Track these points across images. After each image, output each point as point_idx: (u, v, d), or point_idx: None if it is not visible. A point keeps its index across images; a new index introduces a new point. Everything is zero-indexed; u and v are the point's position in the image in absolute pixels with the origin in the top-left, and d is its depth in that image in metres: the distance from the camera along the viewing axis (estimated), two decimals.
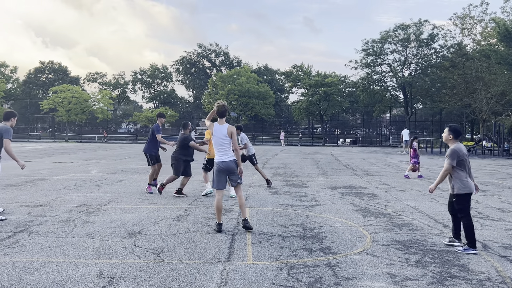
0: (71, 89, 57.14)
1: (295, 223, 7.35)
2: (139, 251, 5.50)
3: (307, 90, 57.39)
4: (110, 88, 75.77)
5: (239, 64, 76.43)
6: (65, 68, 74.95)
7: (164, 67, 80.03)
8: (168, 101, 75.90)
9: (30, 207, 8.27)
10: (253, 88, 55.71)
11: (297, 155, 28.62)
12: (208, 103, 60.38)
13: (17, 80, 73.52)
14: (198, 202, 9.26)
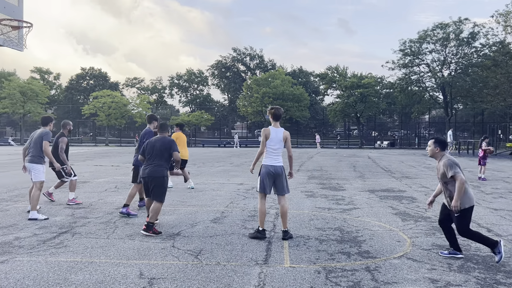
0: (111, 94, 58.91)
1: (332, 226, 7.28)
2: (178, 253, 5.59)
3: (343, 92, 56.81)
4: (148, 93, 77.53)
5: (274, 67, 76.55)
6: (105, 74, 77.38)
7: (200, 71, 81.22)
8: (204, 105, 76.91)
9: (73, 209, 8.56)
10: (288, 90, 55.66)
11: (333, 157, 28.33)
12: (243, 106, 60.77)
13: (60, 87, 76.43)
14: (234, 204, 9.33)
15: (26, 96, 57.51)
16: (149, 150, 6.72)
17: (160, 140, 6.78)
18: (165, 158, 6.71)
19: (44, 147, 7.80)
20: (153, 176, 6.55)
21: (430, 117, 65.46)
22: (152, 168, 6.58)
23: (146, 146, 6.79)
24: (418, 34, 49.34)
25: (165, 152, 6.70)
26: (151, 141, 6.79)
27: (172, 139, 6.85)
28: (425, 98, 52.85)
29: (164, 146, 6.70)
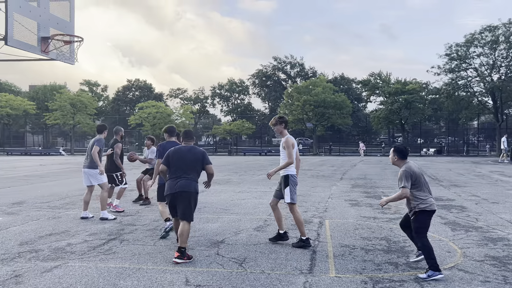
0: (156, 105, 60.53)
1: (378, 236, 7.11)
2: (223, 260, 5.62)
3: (386, 98, 55.66)
4: (191, 103, 79.04)
5: (315, 74, 76.20)
6: (149, 85, 79.65)
7: (241, 81, 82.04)
8: (245, 113, 77.46)
9: (121, 216, 8.81)
10: (329, 98, 55.15)
11: (377, 165, 27.75)
12: (284, 114, 60.74)
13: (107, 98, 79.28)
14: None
15: (76, 107, 60.02)
16: (177, 161, 5.79)
17: (190, 150, 5.90)
18: (197, 171, 5.87)
19: (93, 151, 8.35)
20: (185, 191, 5.65)
21: (479, 123, 62.93)
22: (184, 182, 5.68)
23: (171, 157, 5.84)
24: (464, 37, 47.72)
25: (197, 164, 5.84)
26: (178, 151, 5.87)
27: (204, 150, 6.05)
28: (473, 103, 50.86)
29: (196, 157, 5.84)
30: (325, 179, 17.69)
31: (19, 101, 60.35)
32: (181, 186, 5.66)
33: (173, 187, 5.70)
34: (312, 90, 56.04)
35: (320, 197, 11.80)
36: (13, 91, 71.92)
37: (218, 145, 68.43)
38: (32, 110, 61.83)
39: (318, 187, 14.53)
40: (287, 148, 6.43)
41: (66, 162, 33.34)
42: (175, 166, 5.77)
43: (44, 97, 67.57)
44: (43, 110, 63.17)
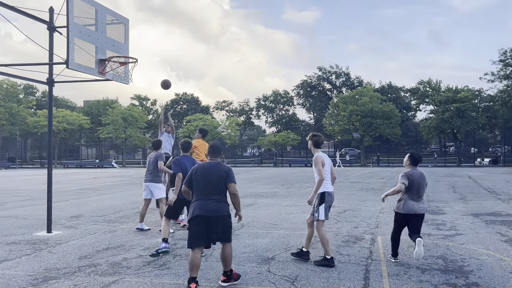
0: (203, 117, 61.79)
1: (434, 254, 6.87)
2: (274, 278, 5.62)
3: (437, 107, 53.89)
4: (236, 114, 79.95)
5: (361, 83, 75.06)
6: (196, 99, 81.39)
7: (285, 91, 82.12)
8: (290, 124, 77.35)
9: (172, 230, 9.00)
10: (377, 107, 54.10)
11: (428, 177, 26.74)
12: (330, 125, 60.18)
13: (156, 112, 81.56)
14: (326, 228, 9.16)
15: (127, 121, 62.25)
16: (202, 180, 5.25)
17: (215, 167, 5.32)
18: (223, 190, 5.30)
19: (159, 166, 8.86)
20: (219, 215, 5.17)
21: None
22: (216, 205, 5.17)
23: (195, 175, 5.31)
24: None
25: (222, 183, 5.26)
26: (202, 168, 5.32)
27: (229, 167, 5.47)
28: None
29: (220, 175, 5.27)
30: (375, 192, 17.30)
31: (75, 116, 63.36)
32: (215, 209, 5.14)
33: (206, 210, 5.13)
34: (359, 100, 55.20)
35: (370, 212, 11.56)
36: (69, 107, 75.68)
37: (263, 157, 68.65)
38: (86, 125, 64.71)
39: (367, 201, 14.23)
40: (315, 166, 6.44)
41: (118, 174, 34.56)
42: (202, 185, 5.21)
43: (98, 111, 70.53)
44: (96, 124, 65.96)
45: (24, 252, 7.22)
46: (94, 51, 7.77)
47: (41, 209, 12.28)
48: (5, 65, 7.69)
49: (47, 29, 8.56)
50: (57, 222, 10.09)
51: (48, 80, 8.77)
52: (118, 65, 8.22)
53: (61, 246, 7.65)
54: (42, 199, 13.67)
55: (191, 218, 5.22)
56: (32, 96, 75.40)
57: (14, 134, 66.41)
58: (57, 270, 6.07)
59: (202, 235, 5.13)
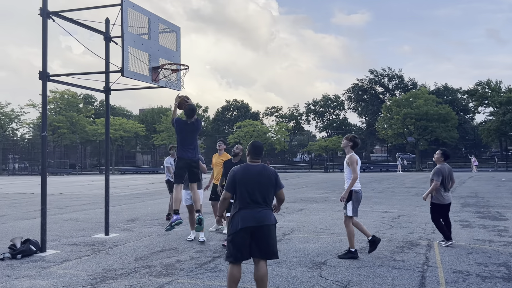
0: (252, 123, 62.26)
1: (495, 261, 6.50)
2: (326, 283, 5.53)
3: (497, 109, 51.20)
4: (285, 120, 79.92)
5: (415, 86, 72.76)
6: (246, 105, 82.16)
7: (335, 96, 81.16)
8: (341, 129, 76.23)
9: (224, 234, 9.10)
10: (432, 110, 52.18)
11: (489, 182, 25.51)
12: (382, 129, 58.71)
13: (208, 119, 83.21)
14: (380, 234, 8.94)
15: None
16: (250, 186, 4.62)
17: (263, 171, 4.73)
18: (271, 197, 4.77)
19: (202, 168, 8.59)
20: (266, 224, 4.57)
21: None
22: (264, 213, 4.59)
23: (239, 180, 4.66)
24: None
25: (271, 188, 4.72)
26: (247, 172, 4.69)
27: (275, 170, 4.92)
28: None
29: (270, 181, 4.70)
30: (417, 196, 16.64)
31: (131, 124, 65.89)
32: (265, 218, 4.58)
33: (255, 219, 4.53)
34: (413, 103, 53.50)
35: (426, 218, 11.11)
36: (125, 115, 78.91)
37: (314, 162, 68.05)
38: (142, 132, 67.09)
39: (423, 206, 13.71)
40: (351, 164, 6.95)
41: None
42: (251, 192, 4.60)
43: (152, 119, 72.92)
44: (151, 132, 68.22)
45: (84, 253, 7.55)
46: (148, 59, 8.04)
47: (99, 212, 12.83)
48: (66, 75, 8.13)
49: (103, 39, 8.99)
50: (114, 225, 10.49)
51: (105, 88, 9.19)
52: (170, 72, 8.46)
53: (118, 248, 7.94)
54: (100, 203, 14.28)
55: (239, 229, 4.51)
56: (91, 105, 79.33)
57: (74, 142, 70.07)
58: (114, 271, 6.30)
59: (247, 247, 4.53)
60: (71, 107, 66.22)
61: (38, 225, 8.37)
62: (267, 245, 4.54)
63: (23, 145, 75.28)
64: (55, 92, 64.63)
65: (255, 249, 4.54)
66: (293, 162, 78.12)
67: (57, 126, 62.15)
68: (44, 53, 7.63)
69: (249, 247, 4.53)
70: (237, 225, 4.52)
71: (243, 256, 4.54)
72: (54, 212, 13.21)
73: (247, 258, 4.59)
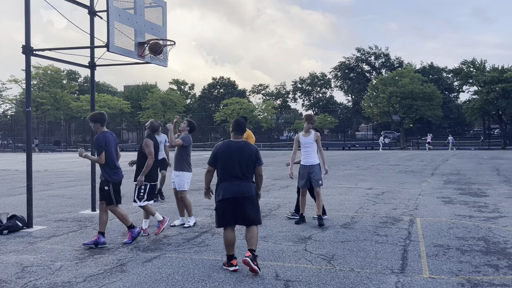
0: (239, 101, 62.10)
1: (475, 236, 6.71)
2: (311, 256, 5.67)
3: (481, 88, 51.82)
4: (272, 98, 79.79)
5: (401, 64, 73.03)
6: (233, 82, 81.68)
7: (322, 74, 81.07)
8: (327, 107, 76.48)
9: (211, 210, 9.19)
10: (418, 89, 52.63)
11: (471, 160, 26.01)
12: (368, 107, 59.08)
13: (194, 96, 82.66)
14: (364, 210, 9.13)
15: (166, 105, 63.48)
16: (230, 160, 5.05)
17: (245, 147, 5.12)
18: (252, 171, 5.17)
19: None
20: (247, 195, 5.05)
21: None
22: (244, 185, 5.05)
23: (221, 154, 5.10)
24: None
25: (251, 164, 5.13)
26: (229, 148, 5.12)
27: (257, 148, 5.31)
28: None
29: (251, 157, 5.11)
30: (415, 174, 16.97)
31: (116, 100, 65.18)
32: (245, 190, 5.03)
33: (235, 191, 5.01)
34: (399, 81, 53.84)
35: (410, 194, 11.37)
36: (110, 92, 77.90)
37: None
38: (127, 109, 66.47)
39: (407, 183, 13.99)
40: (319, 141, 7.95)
41: None
42: (231, 166, 5.03)
43: (137, 96, 72.18)
44: (136, 109, 67.61)
45: (71, 228, 7.58)
46: (133, 34, 7.93)
47: (85, 189, 12.80)
48: (50, 49, 7.99)
49: (88, 13, 8.81)
50: None
51: (90, 63, 9.06)
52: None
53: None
54: (86, 180, 14.22)
55: (220, 200, 5.07)
56: (75, 81, 77.98)
57: (58, 119, 69.14)
58: (101, 246, 6.34)
59: (231, 215, 5.07)
60: (55, 83, 65.04)
61: (24, 201, 8.35)
62: (248, 213, 5.10)
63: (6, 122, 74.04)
64: (38, 68, 63.30)
65: (239, 217, 5.12)
66: (280, 140, 78.35)
67: (41, 102, 61.15)
68: (27, 26, 7.46)
69: (233, 214, 5.08)
70: (218, 196, 5.14)
71: (228, 222, 5.13)
72: (39, 189, 13.14)
73: (232, 224, 5.15)
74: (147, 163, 6.84)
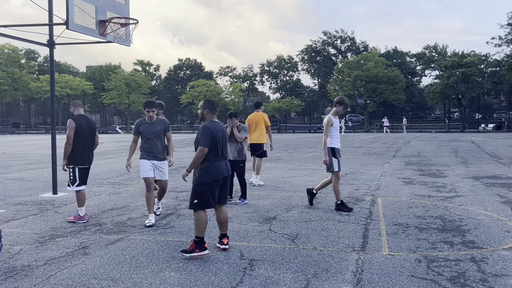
0: (206, 83, 61.47)
1: (432, 214, 6.98)
2: (275, 236, 5.76)
3: (442, 72, 53.31)
4: (240, 80, 79.41)
5: (366, 48, 73.97)
6: (199, 64, 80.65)
7: (289, 57, 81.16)
8: (294, 90, 76.88)
9: (177, 192, 9.16)
10: (382, 72, 53.57)
11: (431, 142, 26.87)
12: (334, 90, 59.78)
13: (159, 77, 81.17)
14: (328, 190, 9.30)
15: (130, 87, 62.10)
16: (222, 141, 5.19)
17: (222, 127, 5.28)
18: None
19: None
20: (229, 174, 5.28)
21: None
22: (227, 164, 5.27)
23: (213, 135, 5.05)
24: None
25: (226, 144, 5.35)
26: (221, 129, 5.21)
27: None
28: None
29: (226, 136, 5.29)
30: (377, 156, 17.39)
31: (78, 81, 63.19)
32: (228, 169, 5.23)
33: (225, 170, 5.16)
34: (364, 65, 54.60)
35: (372, 175, 11.67)
36: (71, 72, 75.33)
37: None
38: (90, 90, 64.62)
39: (370, 164, 14.34)
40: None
41: (122, 140, 34.76)
42: (222, 146, 5.16)
43: (101, 77, 70.20)
44: (100, 90, 65.83)
45: (31, 212, 7.38)
46: (94, 12, 7.68)
47: (46, 172, 12.46)
48: (6, 26, 7.63)
49: None
50: (63, 184, 10.23)
51: (48, 42, 8.72)
52: (118, 27, 8.14)
53: (67, 206, 7.82)
54: (47, 163, 13.84)
55: (215, 180, 5.01)
56: (34, 61, 74.93)
57: (17, 100, 66.48)
58: (63, 229, 6.23)
59: (216, 196, 5.09)
60: (12, 63, 62.30)
61: None
62: (226, 192, 5.27)
63: None
64: None
65: (222, 196, 5.19)
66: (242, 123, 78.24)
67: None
68: None
69: (217, 194, 5.11)
70: (213, 176, 5.01)
71: (215, 203, 5.10)
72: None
73: (215, 205, 5.11)
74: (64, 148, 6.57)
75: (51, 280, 4.29)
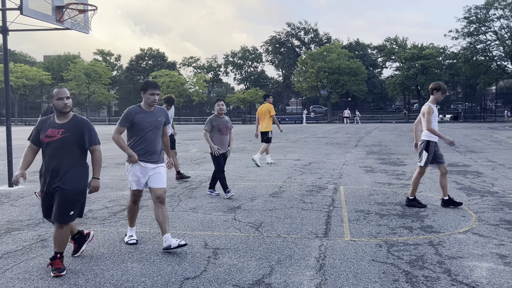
0: (169, 74, 60.51)
1: (393, 201, 7.17)
2: (239, 225, 5.76)
3: (402, 64, 54.76)
4: (204, 71, 78.72)
5: (329, 40, 74.91)
6: (162, 54, 79.38)
7: (254, 48, 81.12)
8: (258, 81, 77.03)
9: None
10: (344, 64, 54.41)
11: (392, 132, 27.59)
12: (298, 82, 60.26)
13: (121, 67, 79.34)
14: (292, 179, 9.40)
15: (91, 77, 60.35)
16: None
17: None
18: None
19: None
20: None
21: (498, 88, 61.60)
22: None
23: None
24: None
25: None
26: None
27: None
28: (492, 68, 49.74)
29: None
30: (340, 146, 17.70)
31: (35, 71, 60.77)
32: None
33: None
34: (327, 57, 55.28)
35: (334, 164, 11.86)
36: (28, 62, 72.37)
37: (232, 114, 68.50)
38: (47, 81, 62.29)
39: (332, 154, 14.57)
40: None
41: None
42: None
43: (59, 67, 67.90)
44: (58, 80, 63.63)
45: None
46: None
47: (1, 164, 11.97)
48: None
49: None
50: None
51: (1, 28, 8.32)
52: (76, 13, 7.86)
53: (24, 199, 7.54)
54: (2, 155, 13.29)
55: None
56: None
57: None
58: (20, 222, 6.00)
59: None
60: None
61: None
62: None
63: None
64: None
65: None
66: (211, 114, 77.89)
67: None
68: None
69: None
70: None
71: None
72: None
73: None
74: None
75: (7, 274, 4.13)
